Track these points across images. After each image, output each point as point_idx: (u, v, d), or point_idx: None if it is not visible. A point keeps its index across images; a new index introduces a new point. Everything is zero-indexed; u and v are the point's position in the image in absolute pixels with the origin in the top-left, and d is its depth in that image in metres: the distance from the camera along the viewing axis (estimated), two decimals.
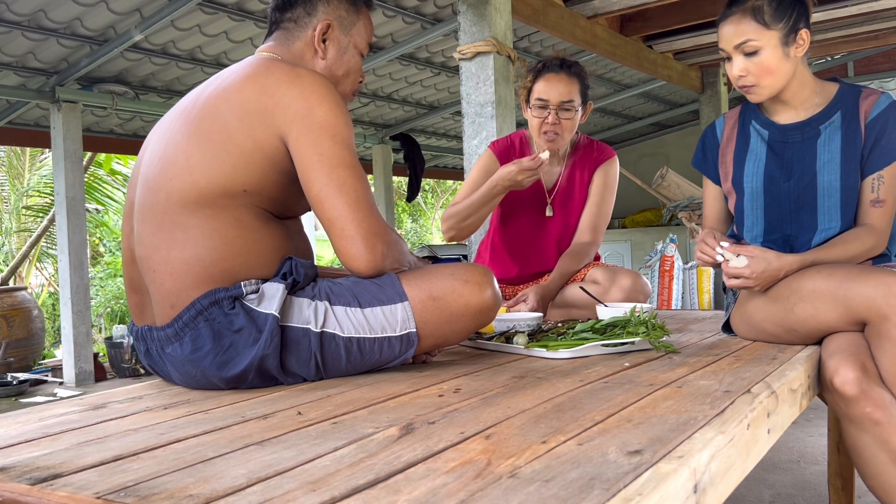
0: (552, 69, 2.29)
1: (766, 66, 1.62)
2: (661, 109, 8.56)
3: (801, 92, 1.70)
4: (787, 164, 1.70)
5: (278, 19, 1.53)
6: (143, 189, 1.39)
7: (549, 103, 2.26)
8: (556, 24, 4.35)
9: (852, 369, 1.39)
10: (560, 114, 2.26)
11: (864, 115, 1.65)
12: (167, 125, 1.43)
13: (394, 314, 1.38)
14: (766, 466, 2.58)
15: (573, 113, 2.27)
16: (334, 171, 1.33)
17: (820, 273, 1.52)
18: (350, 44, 1.54)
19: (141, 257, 1.37)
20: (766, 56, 1.61)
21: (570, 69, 2.29)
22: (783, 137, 1.72)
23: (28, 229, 8.73)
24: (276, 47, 1.51)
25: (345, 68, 1.55)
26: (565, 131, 2.28)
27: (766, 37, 1.60)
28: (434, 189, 14.72)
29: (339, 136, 1.34)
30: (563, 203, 2.40)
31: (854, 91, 1.70)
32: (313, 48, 1.51)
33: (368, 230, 1.34)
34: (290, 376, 1.35)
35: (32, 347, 6.05)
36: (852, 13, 4.97)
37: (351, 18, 1.54)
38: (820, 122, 1.69)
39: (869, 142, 1.64)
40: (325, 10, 1.51)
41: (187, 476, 0.81)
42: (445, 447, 0.88)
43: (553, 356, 1.54)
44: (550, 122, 2.26)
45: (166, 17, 4.32)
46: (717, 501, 0.87)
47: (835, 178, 1.65)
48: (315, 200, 1.34)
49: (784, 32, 1.61)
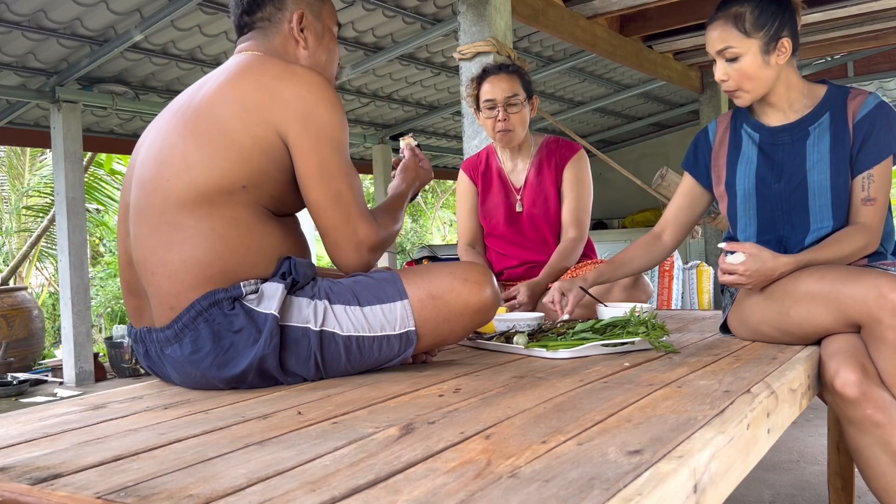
0: (492, 72, 2.47)
1: (745, 73, 1.65)
2: (661, 109, 8.56)
3: (787, 95, 1.71)
4: (778, 165, 1.71)
5: (248, 22, 1.53)
6: (139, 191, 1.39)
7: (495, 102, 2.41)
8: (556, 24, 4.35)
9: (853, 371, 1.39)
10: (508, 109, 2.41)
11: (853, 115, 1.67)
12: (161, 126, 1.43)
13: (393, 313, 1.38)
14: (766, 466, 2.58)
15: (520, 107, 2.43)
16: (332, 181, 1.38)
17: (812, 275, 1.53)
18: (323, 27, 1.57)
19: (138, 260, 1.37)
20: (745, 63, 1.64)
21: (508, 69, 2.47)
22: (773, 139, 1.73)
23: (28, 229, 8.73)
24: (257, 45, 1.51)
25: (326, 52, 1.57)
26: (516, 125, 2.43)
27: (746, 44, 1.63)
28: (434, 189, 14.72)
29: (336, 141, 1.39)
30: (532, 198, 2.51)
31: (842, 92, 1.71)
32: (293, 40, 1.52)
33: (359, 242, 1.43)
34: (290, 376, 1.35)
35: (32, 347, 6.05)
36: (852, 13, 4.96)
37: (318, 4, 1.56)
38: (808, 123, 1.70)
39: (857, 141, 1.65)
40: (294, 2, 1.52)
41: (187, 476, 0.81)
42: (445, 447, 0.88)
43: (553, 356, 1.54)
44: (501, 118, 2.41)
45: (166, 17, 4.32)
46: (717, 501, 0.87)
47: (825, 178, 1.66)
48: (313, 207, 1.41)
49: (765, 41, 1.63)
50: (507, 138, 2.45)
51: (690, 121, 8.76)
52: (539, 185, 2.51)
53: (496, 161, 2.59)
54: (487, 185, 2.59)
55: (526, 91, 2.45)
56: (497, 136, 2.46)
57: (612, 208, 8.81)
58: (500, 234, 2.56)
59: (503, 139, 2.46)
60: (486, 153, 2.63)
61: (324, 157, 1.37)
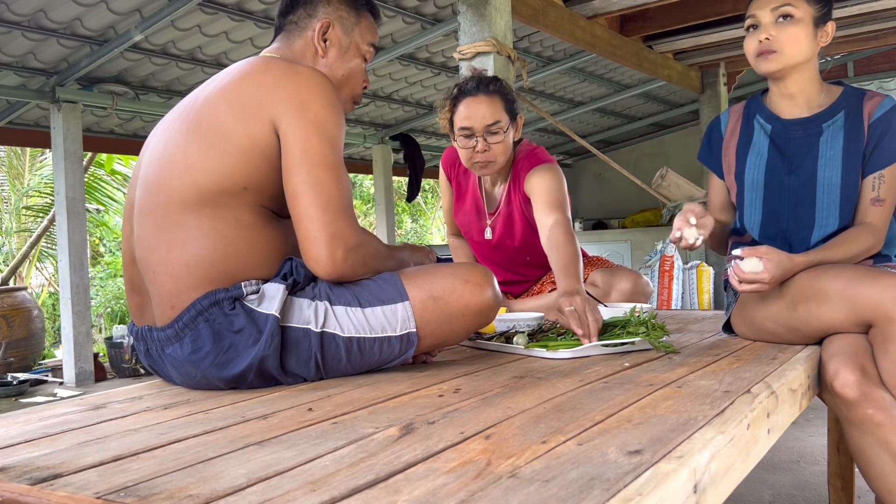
0: (468, 93, 2.07)
1: (793, 35, 1.65)
2: (661, 109, 8.56)
3: (808, 87, 1.72)
4: (789, 158, 1.71)
5: (282, 24, 1.55)
6: (143, 190, 1.39)
7: (473, 131, 2.05)
8: (556, 25, 4.35)
9: (852, 372, 1.39)
10: (488, 138, 2.05)
11: (868, 115, 1.68)
12: (167, 126, 1.43)
13: (394, 314, 1.38)
14: (766, 466, 2.58)
15: (502, 135, 2.06)
16: (314, 169, 1.32)
17: (826, 273, 1.53)
18: (351, 44, 1.54)
19: (141, 258, 1.37)
20: (798, 27, 1.65)
21: (487, 87, 2.07)
22: (785, 132, 1.73)
23: (28, 229, 8.73)
24: (278, 49, 1.53)
25: (346, 69, 1.54)
26: (498, 155, 2.08)
27: (804, 8, 1.65)
28: (434, 189, 14.72)
29: (326, 133, 1.34)
30: (502, 230, 2.25)
31: (859, 93, 1.72)
32: (314, 47, 1.51)
33: (332, 235, 1.31)
34: (290, 376, 1.35)
35: (32, 347, 6.05)
36: (852, 13, 4.96)
37: (352, 20, 1.54)
38: (823, 120, 1.71)
39: (872, 141, 1.66)
40: (326, 11, 1.52)
41: (187, 476, 0.81)
42: (445, 447, 0.88)
43: (553, 356, 1.54)
44: (480, 149, 2.06)
45: (166, 18, 4.32)
46: (717, 501, 0.87)
47: (835, 175, 1.66)
48: (290, 195, 1.33)
49: (819, 15, 1.67)
50: (486, 170, 2.13)
51: (690, 121, 8.77)
52: (509, 212, 2.24)
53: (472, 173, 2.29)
54: (461, 193, 2.35)
55: (509, 112, 2.09)
56: (474, 166, 2.13)
57: (612, 208, 8.82)
58: (475, 247, 2.39)
59: (482, 171, 2.14)
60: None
61: (308, 146, 1.32)
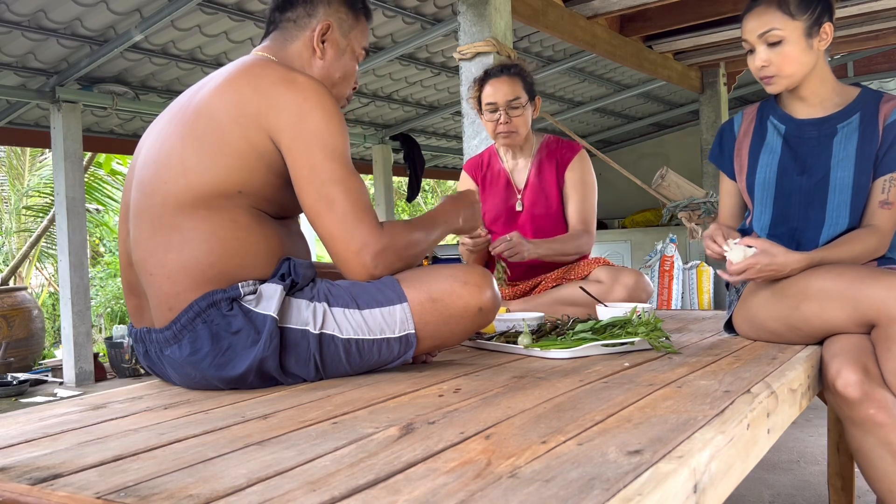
0: (494, 75, 2.48)
1: (788, 56, 1.64)
2: (661, 109, 8.56)
3: (820, 89, 1.71)
4: (802, 158, 1.71)
5: (277, 19, 1.53)
6: (138, 192, 1.39)
7: (497, 105, 2.44)
8: (556, 25, 4.35)
9: (854, 372, 1.39)
10: (510, 112, 2.44)
11: (884, 118, 1.67)
12: (161, 127, 1.42)
13: (392, 316, 1.38)
14: (766, 466, 2.58)
15: (521, 109, 2.45)
16: (324, 188, 1.34)
17: (829, 273, 1.52)
18: (348, 47, 1.54)
19: (137, 261, 1.37)
20: (788, 46, 1.63)
21: (510, 71, 2.48)
22: (799, 132, 1.73)
23: (28, 229, 8.73)
24: (272, 48, 1.51)
25: (342, 71, 1.55)
26: (519, 127, 2.46)
27: (790, 27, 1.62)
28: (434, 189, 14.72)
29: (329, 146, 1.35)
30: (532, 199, 2.54)
31: (876, 95, 1.71)
32: (311, 48, 1.51)
33: (357, 250, 1.36)
34: (290, 377, 1.35)
35: (32, 347, 6.05)
36: (852, 13, 4.97)
37: (350, 22, 1.54)
38: (838, 121, 1.70)
39: (886, 143, 1.65)
40: (326, 12, 1.51)
41: (187, 476, 0.81)
42: (445, 447, 0.88)
43: (553, 356, 1.54)
44: (502, 121, 2.44)
45: (166, 18, 4.32)
46: (717, 501, 0.87)
47: (848, 175, 1.66)
48: (308, 213, 1.39)
49: (808, 24, 1.63)
50: (508, 140, 2.48)
51: (690, 121, 8.76)
52: (540, 184, 2.53)
53: (498, 162, 2.61)
54: (488, 185, 2.62)
55: (528, 93, 2.47)
56: (498, 137, 2.49)
57: (612, 208, 8.81)
58: (498, 231, 2.54)
59: (505, 140, 2.49)
60: (489, 154, 2.65)
61: (314, 163, 1.34)
